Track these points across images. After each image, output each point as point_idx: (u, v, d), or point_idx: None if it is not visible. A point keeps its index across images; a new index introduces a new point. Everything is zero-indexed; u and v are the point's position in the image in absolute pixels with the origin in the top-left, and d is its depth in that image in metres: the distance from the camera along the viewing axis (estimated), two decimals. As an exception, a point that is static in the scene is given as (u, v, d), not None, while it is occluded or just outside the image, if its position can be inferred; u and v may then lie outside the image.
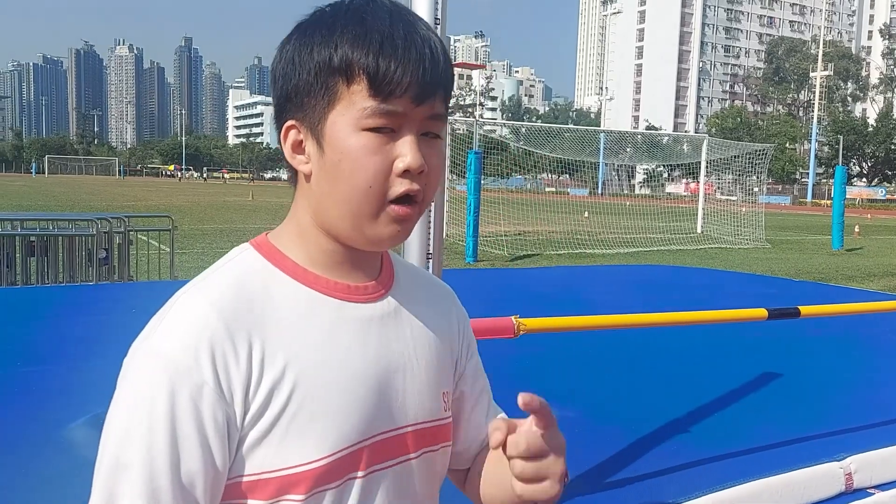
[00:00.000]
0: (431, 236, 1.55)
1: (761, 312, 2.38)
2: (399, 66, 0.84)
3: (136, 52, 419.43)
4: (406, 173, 0.87)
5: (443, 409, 1.01)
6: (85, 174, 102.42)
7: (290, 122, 0.91)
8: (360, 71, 0.85)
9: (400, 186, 0.87)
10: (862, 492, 2.32)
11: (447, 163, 18.58)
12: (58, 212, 22.30)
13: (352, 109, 0.86)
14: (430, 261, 1.56)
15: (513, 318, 1.84)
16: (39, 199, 34.20)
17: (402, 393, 0.95)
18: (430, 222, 1.58)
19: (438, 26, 1.58)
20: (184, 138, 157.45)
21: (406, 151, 0.87)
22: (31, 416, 2.63)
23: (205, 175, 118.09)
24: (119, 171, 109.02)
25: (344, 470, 0.89)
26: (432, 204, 1.54)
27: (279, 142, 0.93)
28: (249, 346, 0.85)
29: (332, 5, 0.91)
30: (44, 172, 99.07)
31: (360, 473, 0.91)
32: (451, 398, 1.05)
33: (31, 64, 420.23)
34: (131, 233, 9.72)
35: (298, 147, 0.91)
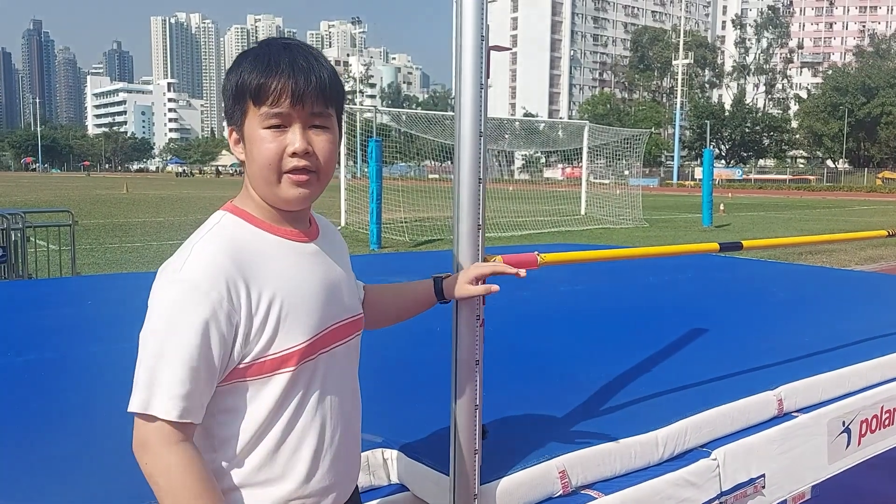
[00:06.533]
0: (480, 210, 1.83)
1: (713, 246, 2.73)
2: (276, 82, 1.27)
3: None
4: (294, 155, 1.30)
5: (359, 306, 1.54)
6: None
7: (230, 127, 1.37)
8: (253, 88, 1.28)
9: (291, 163, 1.30)
10: (789, 415, 2.76)
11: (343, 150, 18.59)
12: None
13: (255, 116, 1.30)
14: (481, 231, 1.86)
15: (536, 253, 2.23)
16: None
17: (341, 297, 1.44)
18: (479, 199, 1.78)
19: (484, 42, 1.85)
20: (39, 129, 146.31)
21: (293, 139, 1.29)
22: None
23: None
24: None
25: (316, 348, 1.36)
26: (481, 185, 1.84)
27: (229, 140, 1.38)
28: (249, 276, 1.27)
29: (251, 48, 1.35)
30: None
31: (325, 350, 1.38)
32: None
33: None
34: (28, 229, 9.30)
35: (237, 143, 1.36)
